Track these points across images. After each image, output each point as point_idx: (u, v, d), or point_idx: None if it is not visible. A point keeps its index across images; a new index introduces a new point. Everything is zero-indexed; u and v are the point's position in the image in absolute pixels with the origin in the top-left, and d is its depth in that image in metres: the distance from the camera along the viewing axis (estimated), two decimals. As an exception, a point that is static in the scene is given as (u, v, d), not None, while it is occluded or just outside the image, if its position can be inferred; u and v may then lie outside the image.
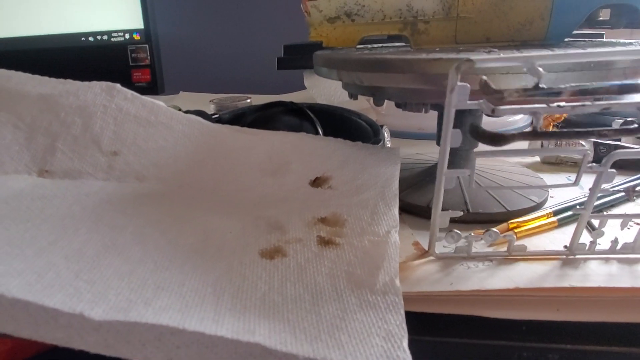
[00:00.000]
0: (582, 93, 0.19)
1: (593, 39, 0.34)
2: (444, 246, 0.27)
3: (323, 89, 0.58)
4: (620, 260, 0.24)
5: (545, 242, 0.29)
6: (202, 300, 0.20)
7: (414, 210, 0.34)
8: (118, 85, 0.33)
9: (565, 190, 0.37)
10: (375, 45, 0.37)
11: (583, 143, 0.44)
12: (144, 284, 0.20)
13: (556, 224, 0.31)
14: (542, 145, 0.45)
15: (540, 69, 0.19)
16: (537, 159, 0.46)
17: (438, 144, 0.38)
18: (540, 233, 0.30)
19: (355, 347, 0.18)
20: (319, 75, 0.33)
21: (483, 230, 0.26)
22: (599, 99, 0.19)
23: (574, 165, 0.43)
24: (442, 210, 0.29)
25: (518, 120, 0.62)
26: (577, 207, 0.24)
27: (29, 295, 0.17)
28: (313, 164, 0.32)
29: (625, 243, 0.24)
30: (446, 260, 0.26)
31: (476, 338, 0.22)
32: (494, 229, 0.26)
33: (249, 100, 0.68)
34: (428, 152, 0.46)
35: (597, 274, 0.23)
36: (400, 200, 0.35)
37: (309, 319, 0.20)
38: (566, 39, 0.34)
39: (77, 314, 0.17)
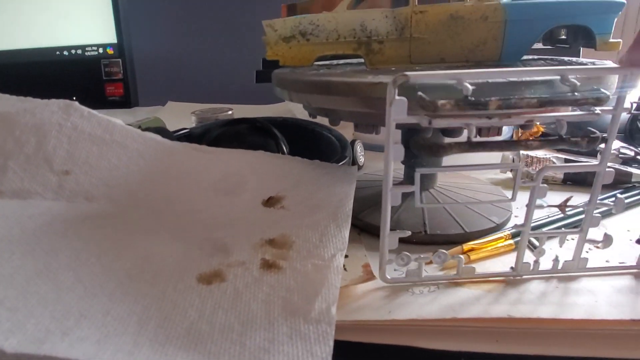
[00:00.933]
0: (505, 105, 0.19)
1: (555, 58, 0.34)
2: (394, 269, 0.26)
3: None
4: (561, 279, 0.24)
5: (499, 266, 0.28)
6: (124, 330, 0.19)
7: (373, 230, 0.33)
8: (75, 103, 0.33)
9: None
10: (336, 63, 0.37)
11: (554, 160, 0.43)
12: (68, 312, 0.20)
13: (513, 247, 0.30)
14: (513, 160, 0.44)
15: (467, 84, 0.19)
16: (509, 175, 0.45)
17: (403, 162, 0.38)
18: (497, 256, 0.29)
19: None
20: (277, 95, 0.33)
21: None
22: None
23: (551, 182, 0.43)
24: (394, 230, 0.29)
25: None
26: (515, 224, 0.24)
27: None
28: (268, 183, 0.31)
29: (566, 261, 0.24)
30: (389, 284, 0.25)
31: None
32: (443, 250, 0.25)
33: (230, 112, 0.68)
34: (398, 168, 0.46)
35: (540, 302, 0.23)
36: (359, 220, 0.35)
37: (232, 350, 0.19)
38: (525, 58, 0.33)
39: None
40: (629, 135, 0.49)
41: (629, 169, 0.40)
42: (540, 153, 0.44)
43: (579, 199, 0.30)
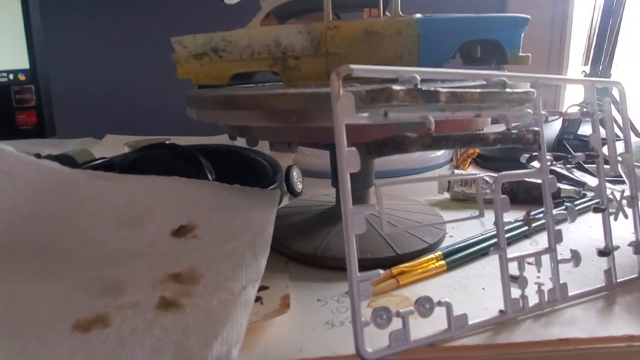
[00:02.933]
0: (453, 96, 0.18)
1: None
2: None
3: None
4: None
5: (430, 289, 0.26)
6: None
7: (301, 258, 0.31)
8: None
9: (464, 227, 0.36)
10: (261, 85, 0.35)
11: (487, 179, 0.43)
12: None
13: (445, 268, 0.28)
14: (448, 184, 0.44)
15: (416, 75, 0.18)
16: (446, 195, 0.45)
17: (333, 185, 0.36)
18: (429, 278, 0.28)
19: None
20: (188, 115, 0.30)
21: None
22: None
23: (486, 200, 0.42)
24: (333, 257, 0.26)
25: (439, 155, 0.62)
26: (491, 249, 0.21)
27: None
28: (179, 211, 0.28)
29: (549, 290, 0.22)
30: (310, 317, 0.23)
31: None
32: (427, 296, 0.19)
33: (168, 142, 0.64)
34: (333, 193, 0.44)
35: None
36: (287, 248, 0.32)
37: None
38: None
39: None
40: (557, 150, 0.51)
41: (558, 185, 0.41)
42: (474, 173, 0.44)
43: (515, 215, 0.29)
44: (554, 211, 0.23)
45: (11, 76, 0.48)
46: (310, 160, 0.60)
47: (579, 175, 0.45)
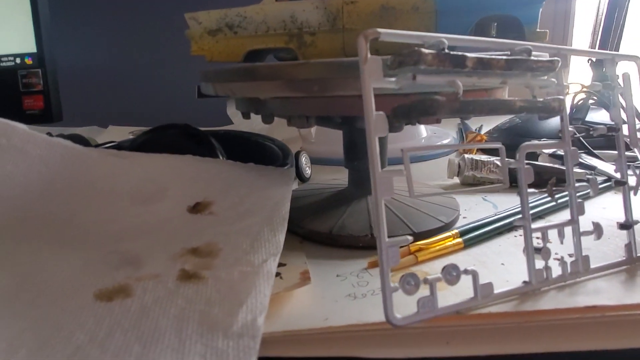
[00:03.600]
0: (480, 63, 0.18)
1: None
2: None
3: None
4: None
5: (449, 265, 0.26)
6: None
7: (316, 237, 0.30)
8: None
9: (477, 210, 0.36)
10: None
11: (498, 163, 0.43)
12: None
13: (462, 245, 0.28)
14: (458, 168, 0.44)
15: (444, 39, 0.18)
16: (456, 180, 0.45)
17: (346, 166, 0.36)
18: (446, 255, 0.28)
19: None
20: (205, 92, 0.30)
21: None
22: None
23: (497, 183, 0.42)
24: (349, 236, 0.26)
25: (445, 144, 0.62)
26: (516, 219, 0.21)
27: None
28: (194, 188, 0.28)
29: (571, 262, 0.22)
30: (330, 290, 0.22)
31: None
32: (453, 264, 0.19)
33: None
34: (343, 177, 0.44)
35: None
36: (301, 227, 0.32)
37: None
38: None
39: None
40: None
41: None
42: (484, 157, 0.44)
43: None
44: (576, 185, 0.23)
45: (18, 60, 0.47)
46: (316, 148, 0.60)
47: (587, 159, 0.45)
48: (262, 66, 0.23)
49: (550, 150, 0.46)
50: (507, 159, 0.21)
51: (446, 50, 0.18)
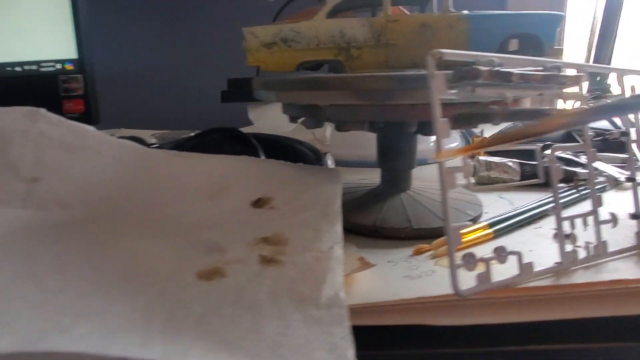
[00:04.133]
0: (522, 77, 0.22)
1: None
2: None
3: (267, 121, 0.58)
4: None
5: (482, 254, 0.30)
6: (129, 326, 0.18)
7: (360, 230, 0.34)
8: (42, 110, 0.31)
9: (496, 206, 0.40)
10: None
11: (510, 164, 0.47)
12: (61, 313, 0.18)
13: (492, 236, 0.32)
14: (474, 168, 0.48)
15: (494, 58, 0.21)
16: (472, 180, 0.48)
17: (378, 166, 0.39)
18: (477, 245, 0.31)
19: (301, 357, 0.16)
20: (258, 98, 0.33)
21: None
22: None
23: (509, 182, 0.46)
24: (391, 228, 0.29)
25: (453, 147, 0.66)
26: (550, 208, 0.25)
27: None
28: (254, 185, 0.31)
29: (593, 246, 0.25)
30: (388, 273, 0.26)
31: (423, 348, 0.22)
32: (502, 246, 0.23)
33: (192, 135, 0.67)
34: (372, 178, 0.47)
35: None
36: (346, 221, 0.35)
37: (249, 337, 0.18)
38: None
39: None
40: (567, 142, 0.55)
41: (574, 169, 0.45)
42: (497, 158, 0.48)
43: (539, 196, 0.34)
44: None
45: (58, 65, 0.49)
46: (335, 150, 0.64)
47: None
48: (332, 77, 0.26)
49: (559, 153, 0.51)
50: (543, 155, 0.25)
51: (497, 68, 0.22)
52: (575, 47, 0.80)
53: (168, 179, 0.31)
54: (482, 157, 0.48)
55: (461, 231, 0.31)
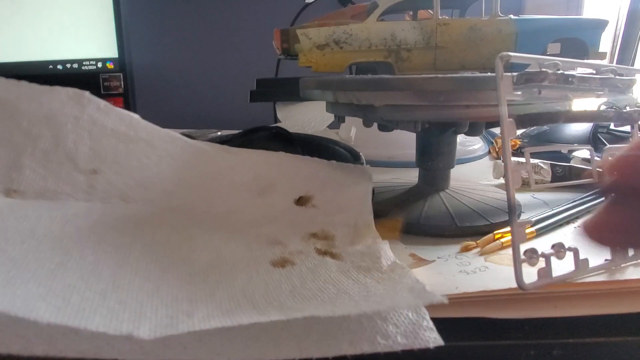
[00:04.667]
0: (583, 80, 0.23)
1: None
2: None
3: (296, 121, 0.59)
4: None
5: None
6: (238, 305, 0.19)
7: (405, 227, 0.35)
8: (87, 93, 0.31)
9: (530, 207, 0.40)
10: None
11: (541, 165, 0.48)
12: (176, 299, 0.19)
13: (534, 234, 0.33)
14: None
15: (558, 62, 0.22)
16: (502, 181, 0.49)
17: (417, 165, 0.40)
18: (523, 242, 0.32)
19: (389, 299, 0.19)
20: (309, 98, 0.34)
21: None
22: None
23: (539, 183, 0.47)
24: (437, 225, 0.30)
25: (477, 148, 0.67)
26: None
27: (65, 320, 0.15)
28: (296, 183, 0.32)
29: None
30: (442, 268, 0.27)
31: (485, 340, 0.23)
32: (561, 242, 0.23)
33: (219, 134, 0.67)
34: (403, 177, 0.48)
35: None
36: (387, 218, 0.36)
37: (342, 298, 0.20)
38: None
39: (125, 335, 0.15)
40: (593, 144, 0.56)
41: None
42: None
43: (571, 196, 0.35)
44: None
45: (100, 64, 0.50)
46: (362, 151, 0.65)
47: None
48: (394, 78, 0.27)
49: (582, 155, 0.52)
50: (596, 158, 0.26)
51: (561, 71, 0.23)
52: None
53: (218, 175, 0.32)
54: (513, 158, 0.48)
55: (501, 230, 0.32)
